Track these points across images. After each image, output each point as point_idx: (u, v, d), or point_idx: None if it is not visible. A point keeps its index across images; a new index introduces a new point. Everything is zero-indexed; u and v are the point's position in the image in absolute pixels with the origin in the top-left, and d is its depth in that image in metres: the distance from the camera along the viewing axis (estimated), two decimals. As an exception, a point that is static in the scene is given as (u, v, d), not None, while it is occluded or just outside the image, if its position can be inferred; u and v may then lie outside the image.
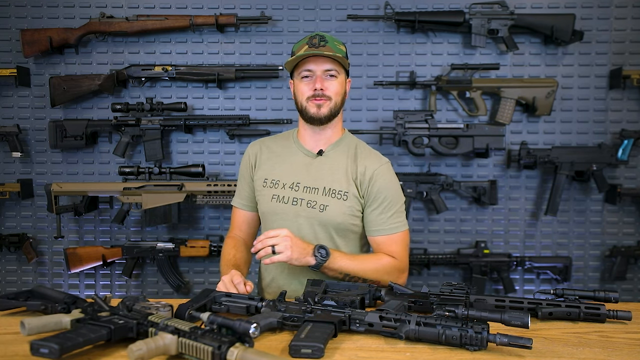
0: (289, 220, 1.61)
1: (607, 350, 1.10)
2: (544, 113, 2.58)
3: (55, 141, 2.59)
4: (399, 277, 1.59)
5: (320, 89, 1.56)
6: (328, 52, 1.54)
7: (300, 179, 1.63)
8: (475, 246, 2.64)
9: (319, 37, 1.57)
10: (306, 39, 1.59)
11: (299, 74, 1.59)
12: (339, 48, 1.59)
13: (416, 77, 2.62)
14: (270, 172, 1.67)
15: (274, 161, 1.69)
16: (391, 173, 1.66)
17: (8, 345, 1.10)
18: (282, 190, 1.63)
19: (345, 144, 1.67)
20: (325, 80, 1.57)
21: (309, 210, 1.59)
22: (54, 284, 2.74)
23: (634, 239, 2.70)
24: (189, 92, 2.68)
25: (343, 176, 1.61)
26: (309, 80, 1.58)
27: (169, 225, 2.66)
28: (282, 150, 1.70)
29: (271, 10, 2.63)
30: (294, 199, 1.61)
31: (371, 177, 1.61)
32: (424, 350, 1.08)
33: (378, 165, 1.63)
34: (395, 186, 1.65)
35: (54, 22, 2.63)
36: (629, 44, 2.64)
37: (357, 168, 1.62)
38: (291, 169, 1.65)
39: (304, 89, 1.58)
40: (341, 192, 1.59)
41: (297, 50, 1.59)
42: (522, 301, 1.29)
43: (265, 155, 1.71)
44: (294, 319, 1.17)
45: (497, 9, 2.55)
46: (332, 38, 1.59)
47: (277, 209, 1.63)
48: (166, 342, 0.98)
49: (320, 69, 1.56)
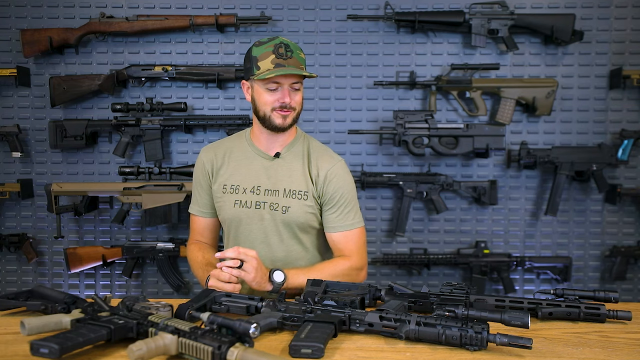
0: (254, 225, 1.64)
1: (607, 350, 1.10)
2: (544, 113, 2.58)
3: (55, 141, 2.59)
4: (357, 275, 1.64)
5: (289, 103, 1.57)
6: (295, 66, 1.54)
7: (260, 182, 1.65)
8: (475, 246, 2.64)
9: (284, 47, 1.54)
10: (270, 47, 1.54)
11: (264, 84, 1.56)
12: (302, 57, 1.58)
13: (416, 77, 2.62)
14: (229, 178, 1.68)
15: (232, 166, 1.69)
16: (345, 171, 1.69)
17: (8, 345, 1.10)
18: (243, 195, 1.65)
19: (299, 144, 1.70)
20: (291, 92, 1.58)
21: (272, 213, 1.63)
22: (54, 284, 2.74)
23: (634, 239, 2.70)
24: (189, 92, 2.68)
25: (301, 176, 1.65)
26: (275, 92, 1.57)
27: (169, 225, 2.66)
28: (239, 155, 1.69)
29: (271, 10, 2.63)
30: (256, 202, 1.64)
31: (325, 178, 1.64)
32: (424, 350, 1.08)
33: (331, 165, 1.66)
34: (350, 185, 1.69)
35: (54, 22, 2.63)
36: (629, 44, 2.64)
37: (311, 169, 1.65)
38: (250, 173, 1.66)
39: (268, 99, 1.57)
40: (301, 192, 1.63)
41: (261, 57, 1.54)
42: (522, 301, 1.29)
43: (220, 161, 1.70)
44: (294, 319, 1.17)
45: (497, 9, 2.55)
46: (295, 46, 1.58)
47: (240, 214, 1.65)
48: (166, 342, 0.99)
49: (287, 82, 1.56)
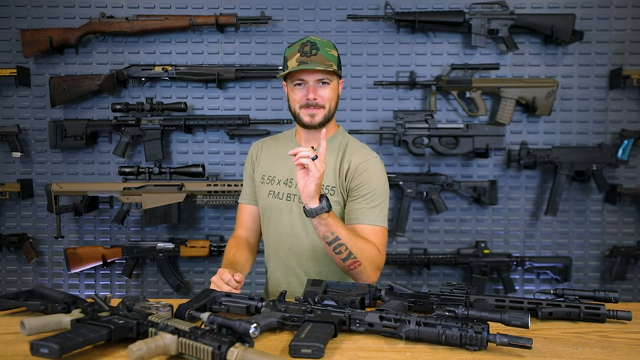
0: (284, 216, 1.66)
1: (607, 350, 1.10)
2: (544, 113, 2.58)
3: (55, 141, 2.59)
4: (374, 271, 1.54)
5: (314, 99, 1.56)
6: (319, 62, 1.53)
7: (294, 175, 1.63)
8: (475, 246, 2.64)
9: (310, 45, 1.56)
10: (297, 46, 1.58)
11: (292, 81, 1.59)
12: (330, 54, 1.58)
13: (416, 77, 2.62)
14: (267, 169, 1.73)
15: (272, 158, 1.74)
16: (377, 168, 1.64)
17: (8, 345, 1.10)
18: (277, 187, 1.68)
19: (337, 141, 1.69)
20: (318, 89, 1.57)
21: (300, 205, 1.60)
22: (54, 284, 2.74)
23: (634, 239, 2.70)
24: (189, 92, 2.68)
25: (331, 172, 1.64)
26: (302, 88, 1.58)
27: (169, 225, 2.66)
28: (281, 149, 1.73)
29: (271, 10, 2.63)
30: (288, 194, 1.66)
31: (355, 170, 1.61)
32: (424, 350, 1.08)
33: (364, 159, 1.63)
34: (380, 182, 1.62)
35: (54, 22, 2.63)
36: (629, 44, 2.64)
37: (343, 163, 1.64)
38: (286, 167, 1.68)
39: (296, 96, 1.59)
40: (328, 186, 1.63)
41: (289, 57, 1.58)
42: (522, 301, 1.29)
43: (264, 153, 1.76)
44: (294, 319, 1.17)
45: (497, 9, 2.55)
46: (323, 43, 1.59)
47: (272, 205, 1.68)
48: (166, 342, 0.98)
49: (312, 78, 1.56)
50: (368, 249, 1.51)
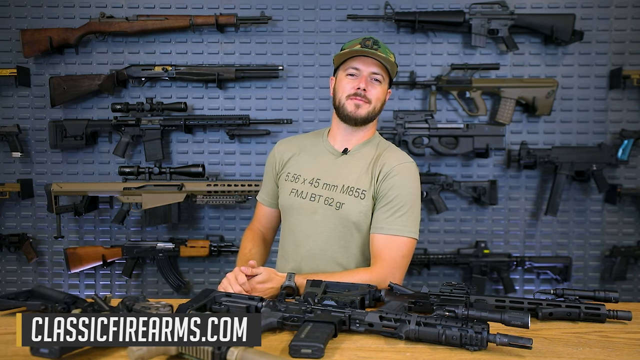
0: (306, 216, 1.60)
1: (607, 350, 1.10)
2: (544, 113, 2.58)
3: (55, 141, 2.59)
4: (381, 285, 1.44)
5: (363, 89, 1.55)
6: (380, 54, 1.53)
7: (321, 175, 1.61)
8: (475, 246, 2.64)
9: (372, 40, 1.56)
10: (359, 40, 1.57)
11: (345, 70, 1.58)
12: (390, 57, 1.57)
13: (416, 77, 2.62)
14: (293, 167, 1.67)
15: (301, 158, 1.68)
16: (410, 173, 1.58)
17: (8, 345, 1.10)
18: (301, 185, 1.62)
19: (373, 145, 1.65)
20: (370, 83, 1.56)
21: (325, 207, 1.57)
22: (54, 284, 2.74)
23: (634, 239, 2.70)
24: (189, 92, 2.68)
25: (364, 175, 1.58)
26: (353, 79, 1.57)
27: (169, 225, 2.65)
28: (310, 149, 1.69)
29: (271, 10, 2.63)
30: (312, 194, 1.60)
31: (386, 174, 1.55)
32: (424, 350, 1.08)
33: (397, 163, 1.57)
34: (411, 189, 1.56)
35: (54, 22, 2.63)
36: (629, 44, 2.64)
37: (376, 167, 1.58)
38: (314, 166, 1.64)
39: (346, 86, 1.57)
40: (359, 190, 1.56)
41: (348, 48, 1.58)
42: (522, 301, 1.29)
43: (291, 153, 1.70)
44: (294, 319, 1.17)
45: (497, 9, 2.55)
46: (384, 45, 1.59)
47: (294, 204, 1.62)
48: (166, 342, 0.98)
49: (367, 70, 1.55)
50: (358, 278, 1.44)
